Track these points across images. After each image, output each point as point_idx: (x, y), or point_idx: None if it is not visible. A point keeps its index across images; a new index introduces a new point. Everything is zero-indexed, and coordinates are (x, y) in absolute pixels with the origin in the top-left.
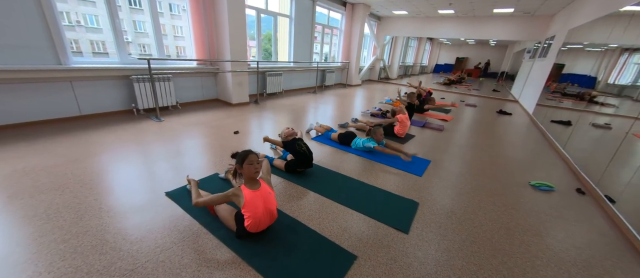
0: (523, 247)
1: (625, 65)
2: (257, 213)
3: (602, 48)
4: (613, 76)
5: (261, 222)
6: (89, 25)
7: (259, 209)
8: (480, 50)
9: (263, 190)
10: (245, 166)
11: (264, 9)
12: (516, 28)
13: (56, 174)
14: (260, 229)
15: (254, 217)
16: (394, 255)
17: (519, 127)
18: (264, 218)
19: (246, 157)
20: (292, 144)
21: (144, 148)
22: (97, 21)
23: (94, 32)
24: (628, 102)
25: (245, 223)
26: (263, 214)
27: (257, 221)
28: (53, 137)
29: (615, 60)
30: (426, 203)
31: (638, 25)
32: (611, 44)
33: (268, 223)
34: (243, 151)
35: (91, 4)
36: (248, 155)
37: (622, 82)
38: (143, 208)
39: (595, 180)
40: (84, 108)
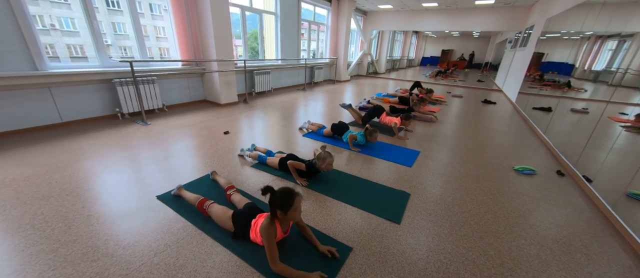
0: (508, 229)
1: (600, 52)
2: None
3: (578, 36)
4: (588, 63)
5: None
6: (64, 29)
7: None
8: (464, 42)
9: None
10: (290, 213)
11: (248, 7)
12: (498, 19)
13: (39, 184)
14: None
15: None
16: (388, 244)
17: (503, 115)
18: None
19: (293, 201)
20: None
21: (131, 153)
22: (73, 24)
23: (70, 36)
24: (603, 87)
25: (250, 235)
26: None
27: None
28: (33, 146)
29: (590, 47)
30: (417, 192)
31: (608, 13)
32: (586, 32)
33: None
34: (287, 191)
35: (66, 7)
36: (295, 198)
37: (597, 68)
38: (134, 213)
39: (573, 161)
40: (66, 115)
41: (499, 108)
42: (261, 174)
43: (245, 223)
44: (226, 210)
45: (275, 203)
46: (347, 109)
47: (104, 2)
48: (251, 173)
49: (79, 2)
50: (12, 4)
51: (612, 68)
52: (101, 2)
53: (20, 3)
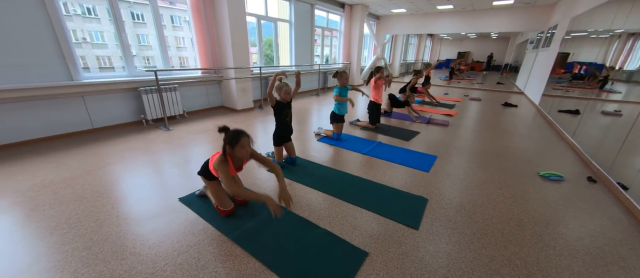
0: (535, 238)
1: (632, 51)
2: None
3: (608, 34)
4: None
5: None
6: (94, 41)
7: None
8: (481, 43)
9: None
10: (237, 149)
11: (264, 16)
12: (517, 19)
13: (74, 186)
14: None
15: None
16: (405, 250)
17: (525, 119)
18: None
19: (239, 140)
20: (282, 109)
21: (154, 157)
22: (102, 37)
23: (99, 48)
24: (638, 88)
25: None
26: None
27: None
28: (67, 150)
29: (621, 46)
30: (435, 198)
31: None
32: (616, 29)
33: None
34: (235, 131)
35: (96, 21)
36: (241, 138)
37: (630, 67)
38: (158, 214)
39: (606, 167)
40: (96, 121)
41: (520, 111)
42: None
43: (205, 163)
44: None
45: (226, 139)
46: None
47: (130, 16)
48: (267, 176)
49: (109, 17)
50: (52, 20)
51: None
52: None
53: (59, 18)
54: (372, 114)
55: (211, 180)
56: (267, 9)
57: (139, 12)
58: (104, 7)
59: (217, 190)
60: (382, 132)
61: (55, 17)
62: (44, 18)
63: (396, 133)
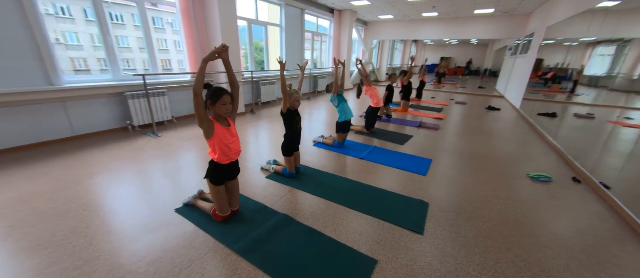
0: (533, 238)
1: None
2: (223, 146)
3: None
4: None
5: (227, 155)
6: (69, 43)
7: (227, 141)
8: (463, 49)
9: (233, 130)
10: (218, 105)
11: (254, 20)
12: (497, 27)
13: (56, 199)
14: (230, 159)
15: (221, 148)
16: (414, 256)
17: (509, 122)
18: (231, 152)
19: (220, 97)
20: (292, 116)
21: (145, 165)
22: (77, 38)
23: (74, 50)
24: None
25: (214, 157)
26: (230, 148)
27: (224, 152)
28: (47, 160)
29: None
30: (435, 202)
31: (613, 20)
32: (590, 38)
33: (234, 157)
34: (216, 88)
35: (70, 21)
36: (222, 95)
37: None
38: (154, 228)
39: (589, 168)
40: (78, 128)
41: (503, 115)
42: (277, 186)
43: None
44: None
45: (208, 96)
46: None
47: (108, 16)
48: (267, 184)
49: (86, 17)
50: (30, 22)
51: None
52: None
53: (38, 20)
54: (370, 119)
55: (217, 185)
56: (257, 13)
57: (117, 13)
58: (80, 6)
59: (220, 195)
60: (377, 136)
61: (33, 16)
62: (19, 17)
63: (390, 137)
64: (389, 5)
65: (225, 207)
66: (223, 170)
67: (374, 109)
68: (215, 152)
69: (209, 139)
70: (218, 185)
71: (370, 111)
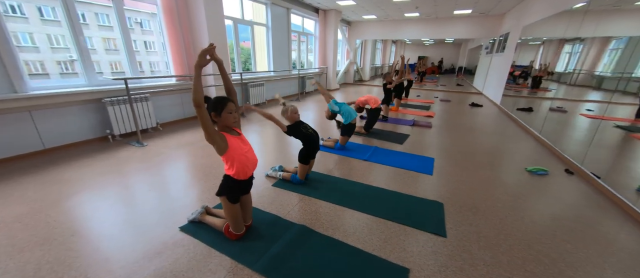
0: (550, 233)
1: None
2: (242, 158)
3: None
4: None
5: (247, 167)
6: (21, 44)
7: (243, 151)
8: (438, 48)
9: (244, 138)
10: (224, 115)
11: (240, 19)
12: (473, 27)
13: (35, 225)
14: (247, 175)
15: (240, 161)
16: (443, 261)
17: (493, 117)
18: (249, 163)
19: (225, 105)
20: (298, 127)
21: (133, 179)
22: (31, 39)
23: (29, 52)
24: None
25: (230, 173)
26: (248, 158)
27: (243, 166)
28: (16, 178)
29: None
30: (448, 201)
31: (594, 19)
32: (569, 37)
33: (252, 169)
34: (218, 98)
35: (23, 20)
36: (227, 103)
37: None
38: (160, 251)
39: (578, 159)
40: (48, 140)
41: (486, 111)
42: (286, 194)
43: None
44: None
45: (210, 108)
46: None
47: (79, 16)
48: (274, 192)
49: (64, 17)
50: None
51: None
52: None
53: None
54: (371, 120)
55: (235, 203)
56: (243, 12)
57: (80, 12)
58: (33, 4)
59: (236, 213)
60: (374, 136)
61: None
62: None
63: (388, 137)
64: (374, 5)
65: (240, 225)
66: (240, 186)
67: (375, 110)
68: (232, 166)
69: (224, 153)
70: (235, 203)
71: (371, 113)
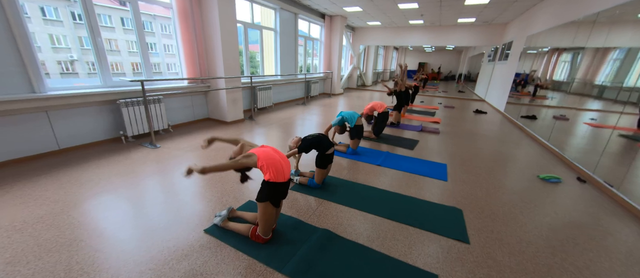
0: (571, 241)
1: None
2: (274, 160)
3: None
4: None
5: (282, 168)
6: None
7: (274, 155)
8: (438, 55)
9: (270, 147)
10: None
11: (250, 23)
12: (476, 35)
13: (58, 225)
14: (285, 177)
15: (273, 164)
16: (470, 268)
17: (499, 124)
18: (281, 164)
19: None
20: (305, 141)
21: (150, 181)
22: (34, 38)
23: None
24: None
25: (266, 177)
26: (279, 160)
27: (277, 168)
28: (33, 179)
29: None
30: (467, 207)
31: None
32: (577, 45)
33: (288, 170)
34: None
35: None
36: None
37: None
38: (187, 253)
39: (591, 168)
40: (63, 141)
41: (491, 118)
42: (304, 197)
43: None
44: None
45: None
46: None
47: (69, 16)
48: (292, 195)
49: (83, 18)
50: (10, 22)
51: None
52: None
53: (20, 20)
54: (381, 124)
55: (276, 206)
56: (253, 16)
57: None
58: (36, 3)
59: (271, 217)
60: (384, 141)
61: (13, 16)
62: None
63: (397, 142)
64: (379, 12)
65: (270, 229)
66: (280, 189)
67: (383, 115)
68: (268, 171)
69: (257, 164)
70: (277, 206)
71: (379, 117)
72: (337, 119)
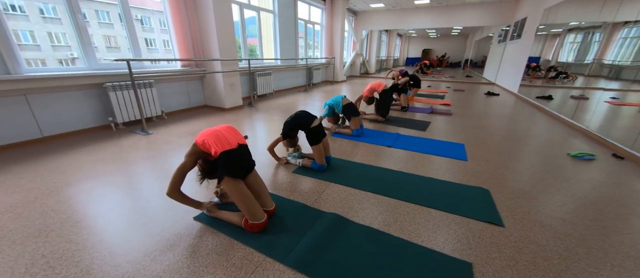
0: (624, 221)
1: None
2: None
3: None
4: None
5: (225, 137)
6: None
7: (214, 129)
8: (442, 41)
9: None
10: None
11: (247, 4)
12: (486, 14)
13: (29, 215)
14: (231, 144)
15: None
16: (510, 254)
17: (513, 105)
18: (223, 133)
19: None
20: (285, 125)
21: (138, 167)
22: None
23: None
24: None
25: (213, 152)
26: (220, 130)
27: (219, 137)
28: (8, 167)
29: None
30: (493, 188)
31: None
32: (606, 21)
33: (233, 138)
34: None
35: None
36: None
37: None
38: (174, 243)
39: (629, 144)
40: (46, 128)
41: (504, 99)
42: (309, 180)
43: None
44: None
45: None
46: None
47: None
48: (296, 179)
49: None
50: None
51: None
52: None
53: None
54: (386, 103)
55: (235, 179)
56: None
57: None
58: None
59: (244, 196)
60: (392, 123)
61: None
62: None
63: (408, 124)
64: None
65: (257, 211)
66: (232, 159)
67: (385, 93)
68: (210, 146)
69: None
70: (237, 178)
71: (382, 97)
72: (325, 110)
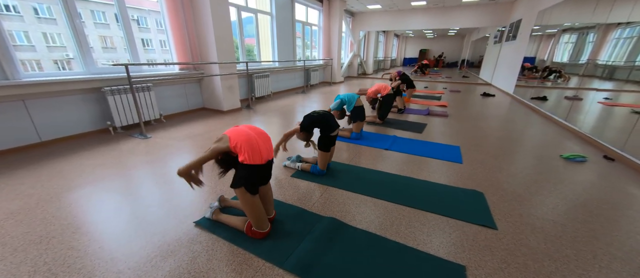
0: (611, 223)
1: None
2: (249, 138)
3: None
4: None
5: (259, 148)
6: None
7: (249, 133)
8: (439, 41)
9: (253, 126)
10: None
11: (244, 6)
12: (482, 15)
13: (31, 221)
14: (262, 159)
15: (248, 142)
16: (502, 257)
17: (508, 106)
18: (259, 142)
19: None
20: (309, 118)
21: (138, 172)
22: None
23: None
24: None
25: (241, 158)
26: (256, 137)
27: (253, 146)
28: (7, 172)
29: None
30: (488, 190)
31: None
32: (598, 21)
33: (266, 151)
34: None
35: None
36: None
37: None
38: (175, 249)
39: (619, 146)
40: (45, 133)
41: (500, 100)
42: (307, 184)
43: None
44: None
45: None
46: None
47: (63, 15)
48: (294, 183)
49: (60, 2)
50: None
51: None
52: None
53: None
54: (386, 107)
55: (254, 194)
56: (247, 0)
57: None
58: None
59: (257, 207)
60: (390, 125)
61: None
62: None
63: (405, 126)
64: None
65: (264, 221)
66: (257, 173)
67: (388, 97)
68: (242, 151)
69: (229, 144)
70: (254, 194)
71: (384, 100)
72: (336, 103)
